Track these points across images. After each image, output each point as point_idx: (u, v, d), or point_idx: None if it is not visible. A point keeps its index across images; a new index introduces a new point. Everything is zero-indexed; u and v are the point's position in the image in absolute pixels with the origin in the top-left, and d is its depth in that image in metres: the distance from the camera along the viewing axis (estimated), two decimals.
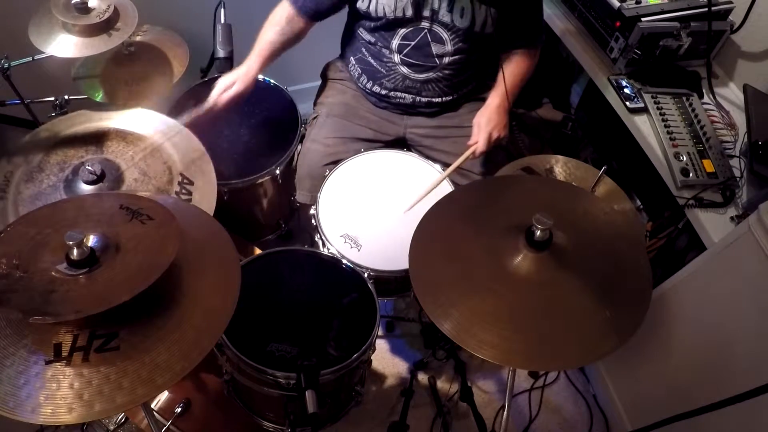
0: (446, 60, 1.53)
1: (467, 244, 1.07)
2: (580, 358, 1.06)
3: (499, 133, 1.52)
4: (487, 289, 1.00)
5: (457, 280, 1.02)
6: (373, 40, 1.55)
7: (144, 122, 1.42)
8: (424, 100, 1.62)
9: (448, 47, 1.50)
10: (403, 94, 1.62)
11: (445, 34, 1.48)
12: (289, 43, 1.55)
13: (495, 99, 1.55)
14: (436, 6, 1.43)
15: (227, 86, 1.49)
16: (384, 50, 1.55)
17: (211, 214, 1.27)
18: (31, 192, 1.25)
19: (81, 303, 0.80)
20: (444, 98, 1.63)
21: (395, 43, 1.51)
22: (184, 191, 1.30)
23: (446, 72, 1.56)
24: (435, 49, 1.50)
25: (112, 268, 0.86)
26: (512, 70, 1.56)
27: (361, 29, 1.57)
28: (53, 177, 1.28)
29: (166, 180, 1.31)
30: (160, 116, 1.44)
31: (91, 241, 0.88)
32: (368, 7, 1.46)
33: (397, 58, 1.55)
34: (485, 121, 1.51)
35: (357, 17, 1.54)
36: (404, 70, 1.56)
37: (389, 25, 1.49)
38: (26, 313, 0.79)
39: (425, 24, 1.47)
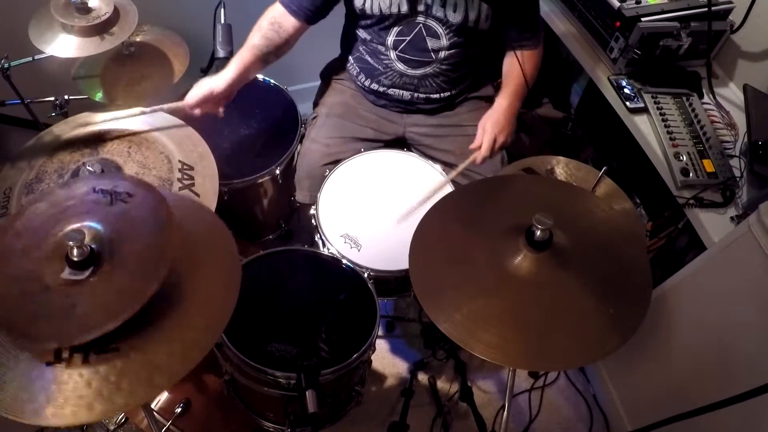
0: (442, 54, 1.52)
1: (467, 244, 1.07)
2: (581, 358, 1.06)
3: (505, 138, 1.47)
4: (487, 289, 1.00)
5: (457, 280, 1.02)
6: (369, 37, 1.55)
7: (133, 118, 1.42)
8: (422, 96, 1.62)
9: (444, 42, 1.50)
10: (401, 91, 1.62)
11: (439, 29, 1.48)
12: (276, 47, 1.48)
13: (503, 101, 1.51)
14: (429, 0, 1.43)
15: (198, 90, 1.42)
16: (380, 47, 1.55)
17: (215, 197, 1.28)
18: None
19: (94, 317, 0.78)
20: (442, 94, 1.63)
21: (391, 39, 1.51)
22: (186, 177, 1.30)
23: (443, 67, 1.56)
24: (430, 43, 1.50)
25: (113, 267, 0.85)
26: (518, 71, 1.53)
27: (357, 28, 1.57)
28: (53, 185, 1.28)
29: (166, 169, 1.31)
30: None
31: (87, 238, 0.83)
32: (363, 5, 1.46)
33: (393, 54, 1.54)
34: (491, 124, 1.46)
35: (353, 16, 1.54)
36: (401, 66, 1.56)
37: (384, 22, 1.49)
38: (60, 340, 0.77)
39: (420, 18, 1.47)
